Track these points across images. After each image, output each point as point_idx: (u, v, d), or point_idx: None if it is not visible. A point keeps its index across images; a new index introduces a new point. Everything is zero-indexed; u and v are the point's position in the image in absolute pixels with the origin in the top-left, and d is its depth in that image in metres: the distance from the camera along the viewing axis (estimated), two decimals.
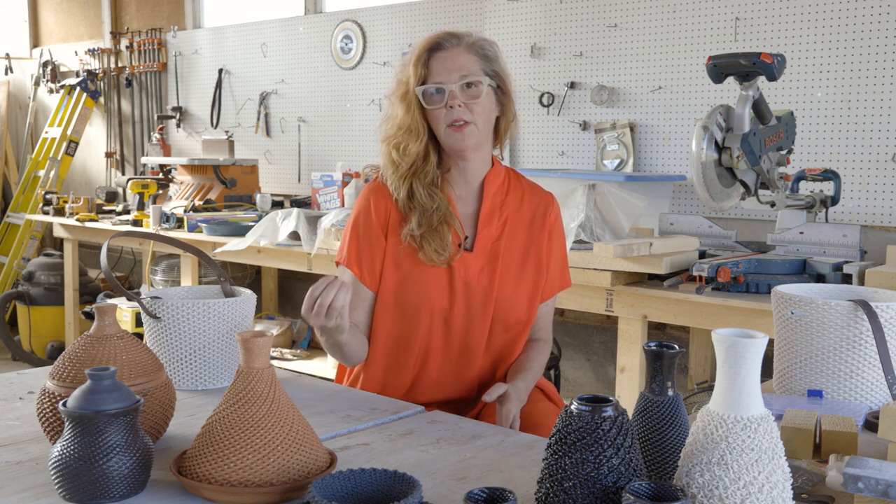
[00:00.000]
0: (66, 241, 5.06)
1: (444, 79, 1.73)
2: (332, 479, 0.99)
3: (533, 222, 1.85)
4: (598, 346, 3.92)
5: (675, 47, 3.50)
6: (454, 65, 1.73)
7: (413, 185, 1.78)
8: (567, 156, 3.84)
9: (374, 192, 1.84)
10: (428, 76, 1.74)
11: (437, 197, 1.77)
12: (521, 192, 1.87)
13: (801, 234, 2.59)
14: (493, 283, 1.79)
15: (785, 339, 1.57)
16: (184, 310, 1.58)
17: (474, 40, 1.78)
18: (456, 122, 1.73)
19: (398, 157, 1.78)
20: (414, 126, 1.75)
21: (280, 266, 3.77)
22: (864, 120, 3.06)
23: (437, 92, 1.73)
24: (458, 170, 1.82)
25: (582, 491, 0.96)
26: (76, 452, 1.07)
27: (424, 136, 1.76)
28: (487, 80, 1.75)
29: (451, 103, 1.73)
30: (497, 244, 1.81)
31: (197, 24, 5.66)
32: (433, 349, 1.79)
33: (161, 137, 5.57)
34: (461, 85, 1.73)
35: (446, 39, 1.76)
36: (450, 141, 1.76)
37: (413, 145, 1.76)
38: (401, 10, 4.43)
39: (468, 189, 1.83)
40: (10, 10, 7.05)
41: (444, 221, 1.77)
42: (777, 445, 0.95)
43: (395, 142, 1.78)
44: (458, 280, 1.77)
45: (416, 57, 1.75)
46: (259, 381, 1.13)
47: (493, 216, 1.82)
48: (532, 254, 1.84)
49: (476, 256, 1.80)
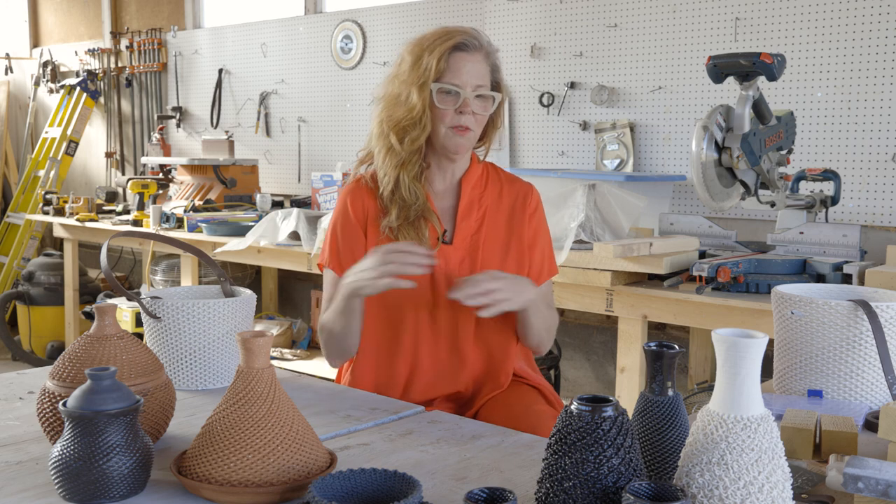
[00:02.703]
0: (66, 241, 5.06)
1: (462, 83, 1.74)
2: (332, 479, 0.99)
3: (513, 213, 1.87)
4: (598, 346, 3.92)
5: (675, 47, 3.50)
6: (474, 72, 1.75)
7: (401, 176, 1.79)
8: (567, 156, 3.84)
9: (349, 192, 1.87)
10: (445, 73, 1.74)
11: (419, 193, 1.79)
12: (499, 185, 1.89)
13: (801, 234, 2.59)
14: (475, 273, 1.78)
15: (785, 339, 1.56)
16: (184, 310, 1.58)
17: (489, 48, 1.80)
18: (461, 127, 1.75)
19: (398, 145, 1.78)
20: (424, 118, 1.76)
21: (280, 266, 3.77)
22: (864, 120, 3.06)
23: (453, 93, 1.75)
24: (438, 166, 1.84)
25: (582, 491, 0.96)
26: (76, 452, 1.07)
27: (428, 129, 1.77)
28: (497, 95, 1.79)
29: (462, 109, 1.75)
30: (477, 236, 1.83)
31: (197, 24, 5.66)
32: (422, 346, 1.80)
33: (161, 137, 5.57)
34: (476, 94, 1.75)
35: (469, 41, 1.77)
36: (448, 142, 1.77)
37: (419, 136, 1.77)
38: (401, 10, 4.43)
39: (446, 184, 1.86)
40: (10, 10, 7.05)
41: (420, 216, 1.79)
42: (777, 445, 0.95)
43: (403, 126, 1.77)
44: (439, 273, 1.78)
45: (442, 50, 1.75)
46: (259, 381, 1.13)
47: (471, 209, 1.84)
48: (513, 243, 1.85)
49: (456, 249, 1.82)
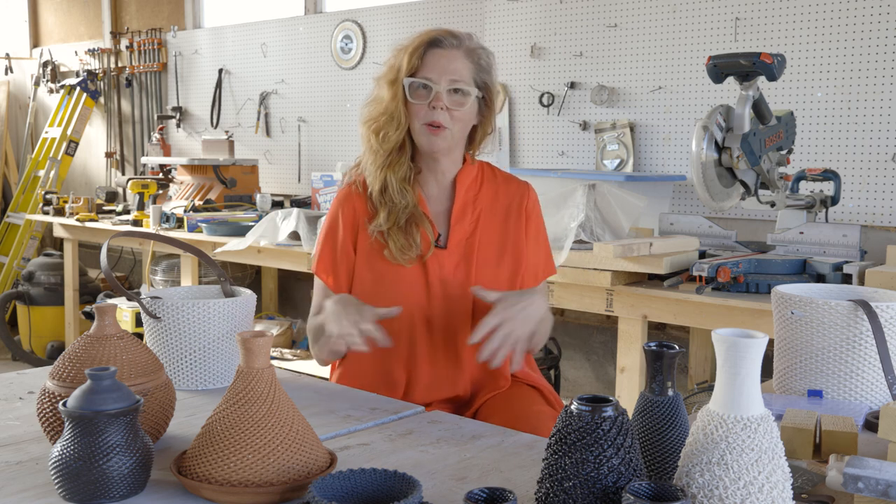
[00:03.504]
0: (66, 241, 5.06)
1: (435, 77, 1.73)
2: (332, 479, 0.99)
3: (508, 213, 1.86)
4: (598, 346, 3.92)
5: (675, 47, 3.50)
6: (448, 66, 1.74)
7: (387, 177, 1.78)
8: (567, 156, 3.84)
9: (342, 200, 1.86)
10: (419, 69, 1.74)
11: (409, 195, 1.78)
12: (495, 186, 1.88)
13: (801, 234, 2.59)
14: (470, 277, 1.79)
15: (785, 339, 1.56)
16: (184, 310, 1.58)
17: (473, 47, 1.78)
18: (433, 124, 1.74)
19: (377, 145, 1.78)
20: (396, 114, 1.76)
21: (280, 266, 3.77)
22: (864, 120, 3.06)
23: (424, 88, 1.74)
24: (429, 169, 1.83)
25: (582, 491, 0.96)
26: (76, 452, 1.07)
27: (404, 126, 1.76)
28: (476, 90, 1.77)
29: (434, 104, 1.73)
30: (472, 239, 1.82)
31: (197, 24, 5.66)
32: (419, 350, 1.79)
33: (161, 137, 5.57)
34: (449, 89, 1.74)
35: (446, 38, 1.76)
36: (422, 139, 1.77)
37: (392, 133, 1.77)
38: (401, 10, 4.43)
39: (440, 187, 1.85)
40: (10, 10, 7.05)
41: (412, 221, 1.78)
42: (777, 445, 0.95)
43: (376, 126, 1.79)
44: (433, 277, 1.78)
45: (413, 47, 1.75)
46: (259, 381, 1.12)
47: (465, 212, 1.83)
48: (509, 243, 1.84)
49: (451, 253, 1.81)
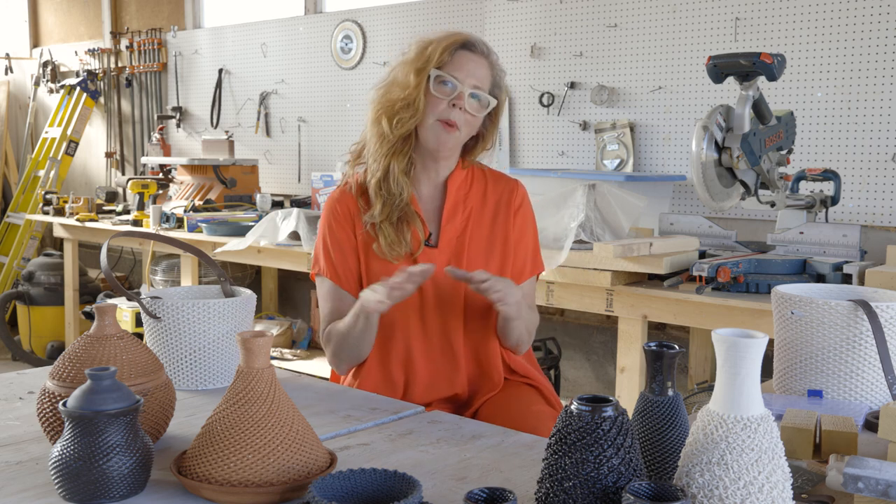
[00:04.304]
0: (66, 241, 5.06)
1: (461, 77, 1.75)
2: (332, 479, 0.99)
3: (498, 210, 1.87)
4: (598, 346, 3.92)
5: (675, 47, 3.50)
6: (475, 71, 1.77)
7: (391, 165, 1.79)
8: (567, 156, 3.84)
9: (336, 201, 1.86)
10: (447, 65, 1.76)
11: (405, 188, 1.79)
12: (484, 184, 1.89)
13: (801, 234, 2.59)
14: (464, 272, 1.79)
15: (785, 339, 1.56)
16: (184, 310, 1.58)
17: (495, 61, 1.83)
18: (449, 122, 1.75)
19: (388, 130, 1.78)
20: (418, 102, 1.75)
21: (280, 266, 3.77)
22: (864, 120, 3.06)
23: (450, 85, 1.75)
24: (424, 168, 1.84)
25: (582, 491, 0.96)
26: (76, 452, 1.07)
27: (419, 116, 1.76)
28: (492, 100, 1.80)
29: (455, 102, 1.75)
30: (462, 237, 1.84)
31: (197, 24, 5.66)
32: (416, 350, 1.81)
33: (161, 137, 5.56)
34: (471, 93, 1.76)
35: (479, 44, 1.80)
36: (430, 135, 1.77)
37: (408, 120, 1.77)
38: (401, 10, 4.43)
39: (432, 187, 1.86)
40: (10, 10, 7.05)
41: (404, 219, 1.79)
42: (777, 445, 0.95)
43: (396, 107, 1.77)
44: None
45: (447, 43, 1.76)
46: (259, 381, 1.12)
47: (456, 210, 1.84)
48: (498, 240, 1.85)
49: (442, 251, 1.82)
